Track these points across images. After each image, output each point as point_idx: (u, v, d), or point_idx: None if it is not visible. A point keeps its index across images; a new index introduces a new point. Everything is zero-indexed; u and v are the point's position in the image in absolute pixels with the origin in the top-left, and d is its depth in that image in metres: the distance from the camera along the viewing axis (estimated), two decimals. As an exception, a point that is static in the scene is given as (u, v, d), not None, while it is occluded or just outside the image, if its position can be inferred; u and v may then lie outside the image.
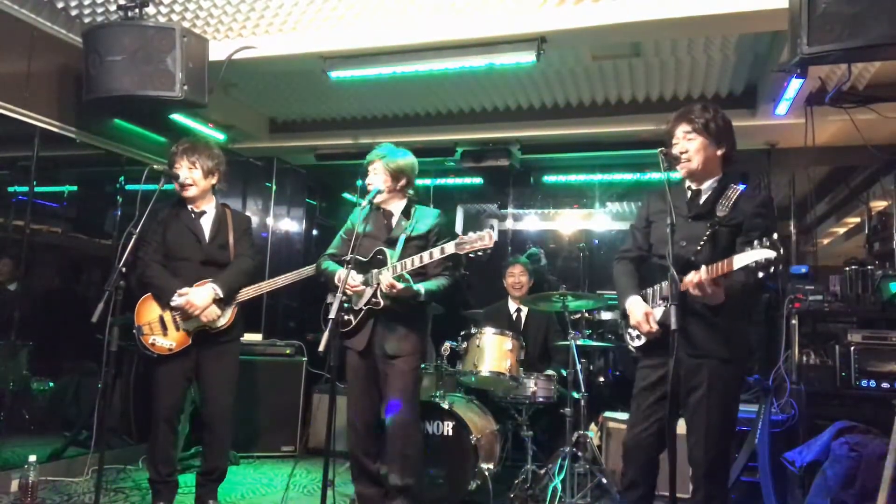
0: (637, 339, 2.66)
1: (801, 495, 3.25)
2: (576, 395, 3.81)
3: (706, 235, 2.48)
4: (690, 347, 2.46)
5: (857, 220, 5.30)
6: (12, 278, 3.96)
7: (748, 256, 2.20)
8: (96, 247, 4.61)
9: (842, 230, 5.50)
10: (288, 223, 6.48)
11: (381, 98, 5.09)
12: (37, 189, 4.01)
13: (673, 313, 2.22)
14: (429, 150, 5.29)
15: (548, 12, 3.43)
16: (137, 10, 3.59)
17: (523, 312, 4.68)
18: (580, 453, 3.76)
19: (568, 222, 6.44)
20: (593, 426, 4.37)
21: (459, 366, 3.98)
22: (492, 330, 3.91)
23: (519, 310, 4.70)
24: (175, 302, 3.20)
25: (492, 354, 3.81)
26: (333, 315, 2.64)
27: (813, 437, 3.35)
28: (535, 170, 5.90)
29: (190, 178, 3.31)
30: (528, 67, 3.93)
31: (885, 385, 3.54)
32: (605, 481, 3.72)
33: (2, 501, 3.54)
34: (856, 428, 3.17)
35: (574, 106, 4.99)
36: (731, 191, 2.54)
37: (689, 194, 2.63)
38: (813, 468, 3.19)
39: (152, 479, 3.29)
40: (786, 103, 4.10)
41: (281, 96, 5.17)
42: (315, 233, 6.83)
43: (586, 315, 4.90)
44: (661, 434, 2.54)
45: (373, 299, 3.09)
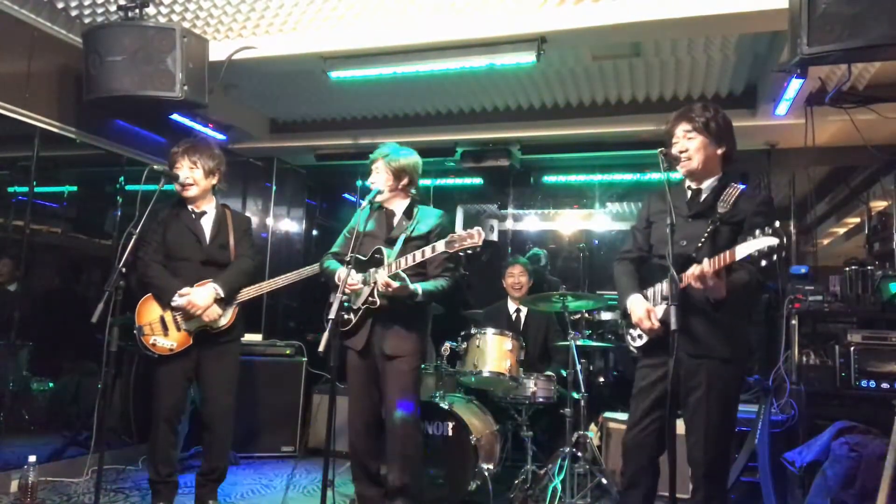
0: (639, 339, 2.66)
1: (801, 495, 3.25)
2: (576, 396, 3.81)
3: (706, 233, 2.48)
4: (691, 347, 2.45)
5: (857, 220, 5.30)
6: (12, 278, 3.96)
7: (751, 245, 2.19)
8: (96, 247, 4.62)
9: (842, 230, 5.50)
10: (288, 223, 6.48)
11: (381, 98, 5.09)
12: (37, 189, 4.01)
13: (673, 313, 2.22)
14: (429, 151, 5.24)
15: (548, 12, 3.43)
16: (137, 11, 3.59)
17: (523, 313, 4.67)
18: (580, 454, 3.77)
19: (568, 222, 6.44)
20: (593, 426, 4.36)
21: (459, 366, 3.98)
22: (492, 330, 3.91)
23: (518, 310, 4.70)
24: (176, 302, 3.20)
25: (492, 355, 3.81)
26: (333, 315, 2.63)
27: (813, 437, 3.34)
28: (535, 170, 5.89)
29: (191, 177, 3.32)
30: (529, 67, 3.92)
31: (884, 385, 3.53)
32: (605, 482, 3.72)
33: (2, 501, 3.54)
34: (856, 428, 3.16)
35: (574, 106, 4.98)
36: (732, 189, 2.53)
37: (688, 194, 2.63)
38: (813, 468, 3.18)
39: (152, 480, 3.30)
40: (786, 103, 4.10)
41: (281, 96, 5.16)
42: (315, 233, 6.83)
43: (586, 315, 4.90)
44: (661, 434, 2.53)
45: (370, 298, 3.08)
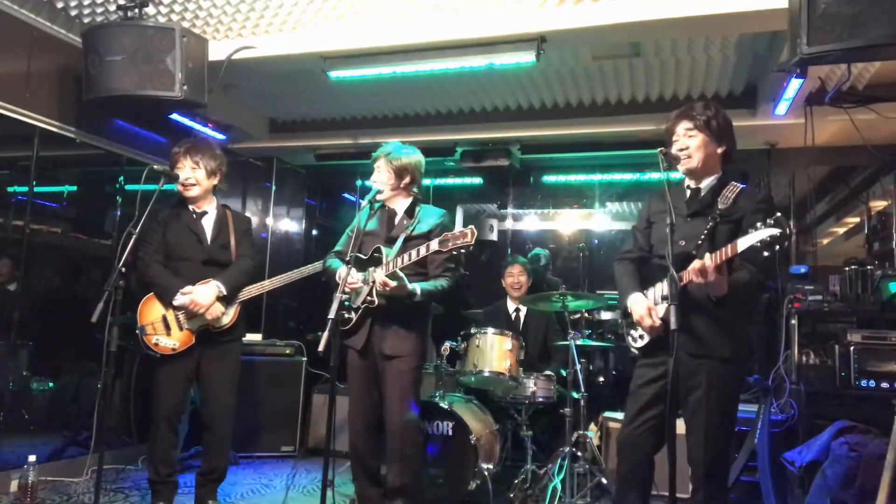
0: (640, 340, 2.65)
1: (801, 495, 3.25)
2: (575, 395, 3.81)
3: (705, 231, 2.47)
4: (691, 347, 2.45)
5: (857, 220, 5.30)
6: (12, 278, 3.96)
7: (753, 237, 2.18)
8: (96, 247, 4.61)
9: (841, 230, 5.50)
10: (288, 223, 6.48)
11: (381, 98, 5.09)
12: (36, 189, 4.01)
13: (673, 313, 2.22)
14: (429, 150, 5.21)
15: (548, 12, 3.43)
16: (137, 10, 3.59)
17: (522, 312, 4.68)
18: (580, 453, 3.77)
19: (568, 222, 6.44)
20: (593, 426, 4.37)
21: (459, 366, 3.99)
22: (492, 330, 3.91)
23: (518, 310, 4.70)
24: (179, 301, 3.20)
25: (491, 354, 3.82)
26: (333, 314, 2.63)
27: (812, 437, 3.34)
28: (534, 170, 5.88)
29: (193, 177, 3.32)
30: (528, 67, 3.92)
31: (884, 385, 3.53)
32: (604, 481, 3.72)
33: (2, 501, 3.54)
34: (855, 428, 3.16)
35: (574, 106, 4.98)
36: (731, 187, 2.53)
37: (688, 193, 2.63)
38: (813, 468, 3.18)
39: (152, 479, 3.29)
40: (785, 103, 4.10)
41: (280, 96, 5.16)
42: (315, 233, 6.83)
43: (586, 315, 4.90)
44: (656, 431, 2.53)
45: (368, 297, 3.07)
